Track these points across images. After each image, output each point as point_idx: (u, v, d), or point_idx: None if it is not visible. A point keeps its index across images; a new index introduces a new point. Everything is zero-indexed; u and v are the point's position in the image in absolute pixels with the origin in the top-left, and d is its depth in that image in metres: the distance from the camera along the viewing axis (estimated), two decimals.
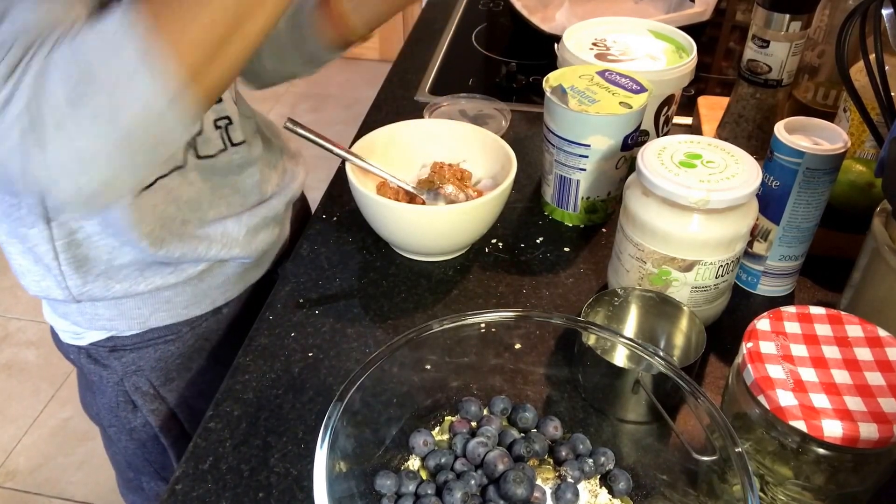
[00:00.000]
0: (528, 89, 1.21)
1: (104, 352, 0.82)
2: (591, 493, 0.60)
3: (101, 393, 0.85)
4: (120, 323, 0.79)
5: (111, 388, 0.84)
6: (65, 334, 0.82)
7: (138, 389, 0.84)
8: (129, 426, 0.87)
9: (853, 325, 0.57)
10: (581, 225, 0.90)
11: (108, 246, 0.73)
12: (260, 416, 0.67)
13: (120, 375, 0.83)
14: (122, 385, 0.84)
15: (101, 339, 0.81)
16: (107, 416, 0.87)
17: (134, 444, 0.89)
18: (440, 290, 0.80)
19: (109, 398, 0.85)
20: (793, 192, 0.71)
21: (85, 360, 0.83)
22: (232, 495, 0.61)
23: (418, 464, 0.61)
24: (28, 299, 2.27)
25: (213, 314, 0.86)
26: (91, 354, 0.82)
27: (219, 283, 0.83)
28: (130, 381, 0.83)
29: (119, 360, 0.82)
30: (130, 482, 0.95)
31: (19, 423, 1.94)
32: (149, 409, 0.85)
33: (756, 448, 0.54)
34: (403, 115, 0.94)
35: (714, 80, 1.26)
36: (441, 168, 0.87)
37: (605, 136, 0.81)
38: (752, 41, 0.89)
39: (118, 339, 0.81)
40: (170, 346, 0.83)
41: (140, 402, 0.84)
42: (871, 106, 0.76)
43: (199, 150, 0.76)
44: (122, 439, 0.89)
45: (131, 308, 0.79)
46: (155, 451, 0.89)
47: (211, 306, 0.85)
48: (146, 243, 0.72)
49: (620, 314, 0.71)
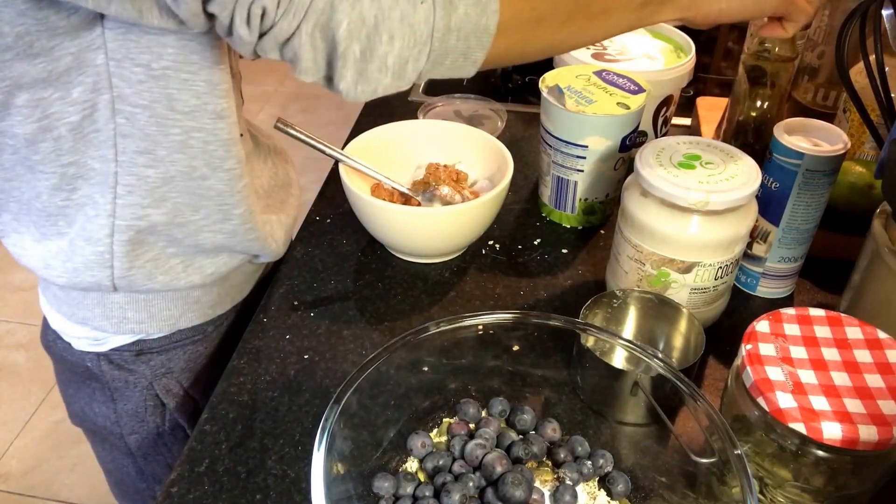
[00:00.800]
0: (524, 89, 1.21)
1: (129, 356, 0.79)
2: (590, 496, 0.59)
3: (124, 399, 0.82)
4: (149, 326, 0.77)
5: (138, 393, 0.82)
6: (80, 342, 0.79)
7: (169, 392, 0.82)
8: (156, 430, 0.85)
9: (853, 327, 0.57)
10: (579, 226, 0.90)
11: (168, 236, 0.71)
12: (256, 418, 0.66)
13: (149, 379, 0.81)
14: (152, 388, 0.82)
15: (125, 343, 0.78)
16: (129, 423, 0.84)
17: (157, 449, 0.86)
18: (437, 292, 0.80)
19: (136, 403, 0.82)
20: (792, 193, 0.71)
21: (106, 366, 0.80)
22: (229, 497, 0.60)
23: (416, 466, 0.61)
24: (17, 301, 2.25)
25: (232, 312, 0.85)
26: (113, 360, 0.80)
27: (238, 282, 0.83)
28: (161, 383, 0.82)
29: (147, 363, 0.80)
30: (140, 493, 0.92)
31: (10, 425, 1.93)
32: (176, 406, 0.84)
33: (755, 450, 0.54)
34: (397, 116, 0.94)
35: (713, 80, 1.26)
36: (436, 169, 0.86)
37: (603, 137, 0.81)
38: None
39: (145, 342, 0.79)
40: (198, 347, 0.83)
41: (171, 403, 0.83)
42: (871, 107, 0.76)
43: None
44: (143, 446, 0.86)
45: (161, 310, 0.77)
46: (180, 454, 0.88)
47: (231, 304, 0.84)
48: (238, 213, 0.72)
49: (619, 316, 0.71)
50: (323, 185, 0.95)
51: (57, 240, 0.70)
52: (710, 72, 1.28)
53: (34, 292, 0.83)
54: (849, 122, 0.87)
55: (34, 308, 0.84)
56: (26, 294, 2.27)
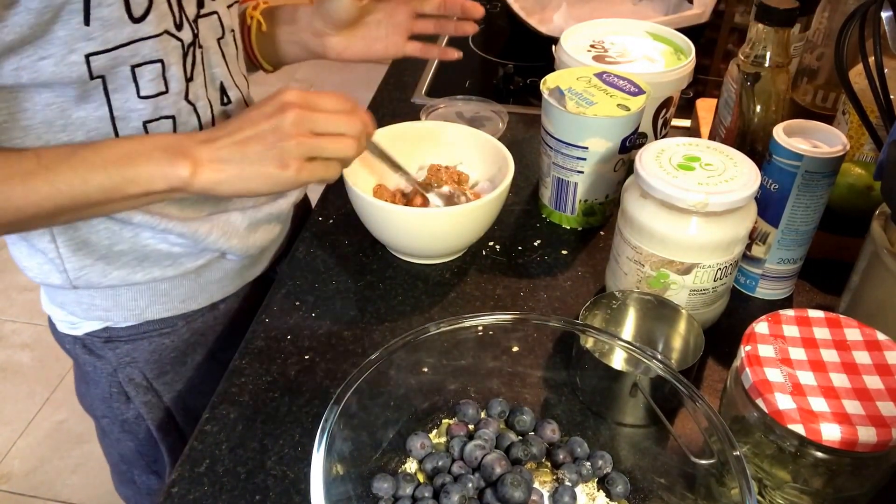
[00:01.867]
0: (526, 91, 1.21)
1: (99, 342, 0.82)
2: (589, 497, 0.60)
3: (94, 383, 0.85)
4: (116, 314, 0.79)
5: (105, 379, 0.84)
6: (61, 324, 0.82)
7: (132, 381, 0.84)
8: (121, 417, 0.87)
9: (852, 328, 0.57)
10: (579, 228, 0.90)
11: (107, 230, 0.73)
12: (256, 418, 0.67)
13: (114, 366, 0.83)
14: (116, 376, 0.84)
15: (96, 329, 0.81)
16: (100, 407, 0.87)
17: (126, 436, 0.89)
18: (437, 293, 0.80)
19: (103, 389, 0.85)
20: (791, 194, 0.71)
21: (80, 350, 0.83)
22: (228, 498, 0.60)
23: (415, 467, 0.61)
24: (23, 301, 2.26)
25: (210, 309, 0.86)
26: (86, 344, 0.83)
27: (217, 279, 0.83)
28: (124, 371, 0.83)
29: (113, 350, 0.82)
30: (123, 475, 0.96)
31: (14, 425, 1.94)
32: (142, 402, 0.86)
33: (754, 451, 0.54)
34: (400, 117, 0.94)
35: (713, 82, 1.26)
36: (438, 170, 0.87)
37: (603, 139, 0.81)
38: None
39: (113, 329, 0.81)
40: (164, 340, 0.83)
41: (133, 393, 0.85)
42: (870, 109, 0.76)
43: None
44: (114, 431, 0.89)
45: (128, 299, 0.79)
46: (147, 444, 0.89)
47: (208, 301, 0.85)
48: (150, 216, 0.72)
49: (618, 317, 0.71)
50: (325, 186, 0.96)
51: (21, 245, 0.74)
52: (710, 74, 1.28)
53: (39, 293, 0.84)
54: (848, 123, 0.87)
55: (39, 308, 0.86)
56: (31, 294, 2.27)
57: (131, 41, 0.63)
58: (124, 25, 0.62)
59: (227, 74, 0.76)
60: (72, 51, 0.60)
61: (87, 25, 0.59)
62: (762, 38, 0.79)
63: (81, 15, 0.59)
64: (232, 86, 0.77)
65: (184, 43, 0.68)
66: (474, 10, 0.89)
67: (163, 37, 0.65)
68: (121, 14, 0.61)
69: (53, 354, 2.08)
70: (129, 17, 0.62)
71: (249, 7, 0.86)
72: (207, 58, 0.73)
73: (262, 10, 0.87)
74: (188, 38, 0.69)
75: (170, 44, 0.66)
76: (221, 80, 0.76)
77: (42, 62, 0.60)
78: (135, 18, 0.62)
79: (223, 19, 0.74)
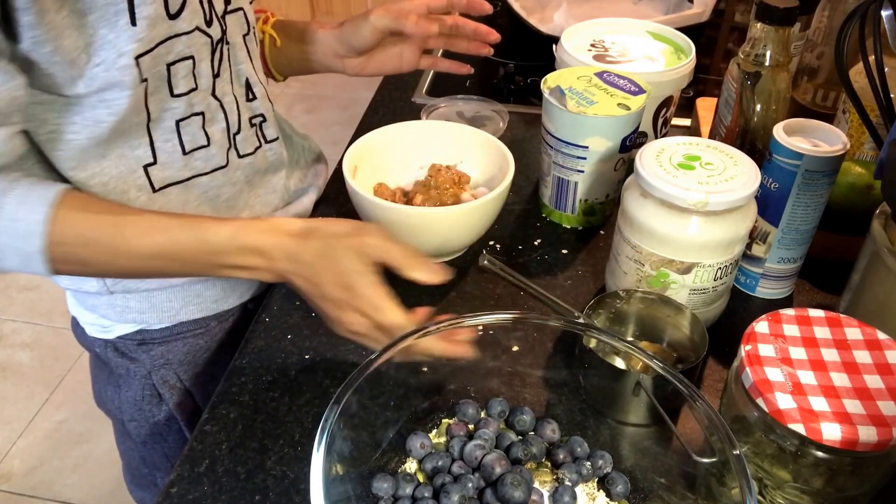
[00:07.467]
0: (526, 91, 1.21)
1: (132, 345, 0.82)
2: (589, 497, 0.59)
3: (126, 386, 0.85)
4: (150, 316, 0.80)
5: (138, 382, 0.84)
6: (91, 328, 0.82)
7: (166, 383, 0.84)
8: (152, 420, 0.87)
9: (852, 327, 0.57)
10: (579, 227, 0.90)
11: None
12: (256, 418, 0.66)
13: (148, 368, 0.83)
14: (150, 378, 0.84)
15: (129, 332, 0.81)
16: (129, 410, 0.87)
17: (154, 438, 0.89)
18: (437, 293, 0.80)
19: (135, 391, 0.85)
20: (792, 194, 0.71)
21: (112, 353, 0.83)
22: (228, 498, 0.60)
23: (415, 467, 0.61)
24: (23, 300, 2.26)
25: (241, 309, 0.86)
26: (118, 348, 0.83)
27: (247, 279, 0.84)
28: (158, 374, 0.84)
29: (147, 353, 0.82)
30: (144, 478, 0.95)
31: (14, 425, 1.94)
32: (175, 403, 0.86)
33: (755, 451, 0.54)
34: (401, 117, 0.94)
35: (713, 81, 1.25)
36: (438, 170, 0.87)
37: (604, 138, 0.81)
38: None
39: (147, 332, 0.81)
40: (199, 340, 0.84)
41: (167, 395, 0.85)
42: (871, 108, 0.76)
43: (239, 149, 0.76)
44: (142, 434, 0.89)
45: (162, 301, 0.79)
46: (176, 445, 0.89)
47: (238, 301, 0.85)
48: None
49: (622, 316, 0.71)
50: (327, 185, 0.96)
51: None
52: (710, 73, 1.28)
53: (39, 292, 0.85)
54: (848, 122, 0.87)
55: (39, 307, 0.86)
56: (32, 293, 2.27)
57: (167, 38, 0.63)
58: (163, 22, 0.62)
59: (252, 70, 0.77)
60: (121, 54, 0.60)
61: (134, 25, 0.60)
62: (762, 37, 0.79)
63: (127, 15, 0.59)
64: (257, 82, 0.77)
65: (213, 39, 0.68)
66: (489, 34, 0.92)
67: (194, 33, 0.66)
68: (161, 11, 0.62)
69: (53, 354, 2.08)
70: (167, 14, 0.63)
71: (259, 22, 0.87)
72: (234, 54, 0.73)
73: (274, 24, 0.88)
74: (217, 34, 0.69)
75: (200, 40, 0.67)
76: (247, 77, 0.76)
77: (95, 69, 0.60)
78: (171, 15, 0.63)
79: (248, 15, 0.75)
